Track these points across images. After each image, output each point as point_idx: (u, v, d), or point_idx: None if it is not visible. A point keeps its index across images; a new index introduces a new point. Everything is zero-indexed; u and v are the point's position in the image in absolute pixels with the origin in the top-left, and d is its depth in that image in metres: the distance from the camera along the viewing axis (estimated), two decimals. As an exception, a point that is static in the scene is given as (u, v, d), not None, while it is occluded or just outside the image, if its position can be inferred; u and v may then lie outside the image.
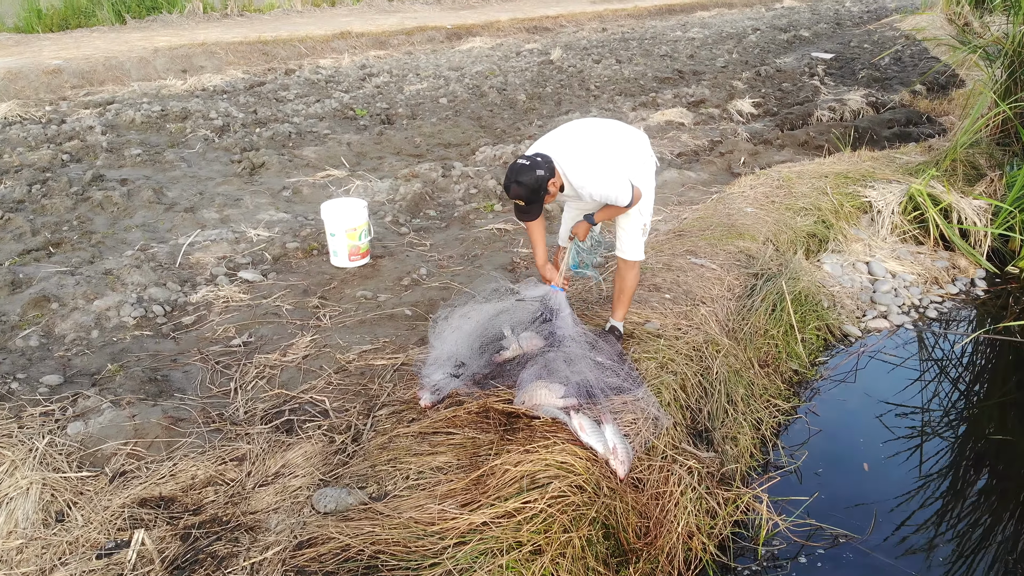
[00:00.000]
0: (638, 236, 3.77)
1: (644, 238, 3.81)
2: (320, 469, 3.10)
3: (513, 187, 3.32)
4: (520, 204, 3.39)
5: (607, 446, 3.09)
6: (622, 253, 3.81)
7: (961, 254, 6.03)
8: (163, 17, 15.08)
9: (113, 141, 7.82)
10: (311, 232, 5.61)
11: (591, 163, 3.44)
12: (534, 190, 3.30)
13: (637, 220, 3.73)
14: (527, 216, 3.48)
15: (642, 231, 3.78)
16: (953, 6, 16.91)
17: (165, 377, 3.81)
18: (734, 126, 9.22)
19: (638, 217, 3.72)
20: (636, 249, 3.78)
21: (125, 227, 5.77)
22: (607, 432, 3.16)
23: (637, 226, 3.74)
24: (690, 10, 22.63)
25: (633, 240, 3.76)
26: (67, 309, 4.40)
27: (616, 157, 3.54)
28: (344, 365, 3.90)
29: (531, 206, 3.39)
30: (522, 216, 3.49)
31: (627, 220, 3.74)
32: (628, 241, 3.77)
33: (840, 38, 17.02)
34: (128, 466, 3.12)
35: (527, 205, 3.38)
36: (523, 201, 3.34)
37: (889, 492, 3.71)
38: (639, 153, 3.68)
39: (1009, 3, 7.16)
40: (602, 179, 3.42)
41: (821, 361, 4.76)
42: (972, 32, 13.27)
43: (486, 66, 12.69)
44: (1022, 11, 6.40)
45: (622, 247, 3.80)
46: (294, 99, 10.17)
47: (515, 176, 3.30)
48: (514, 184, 3.31)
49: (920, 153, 7.75)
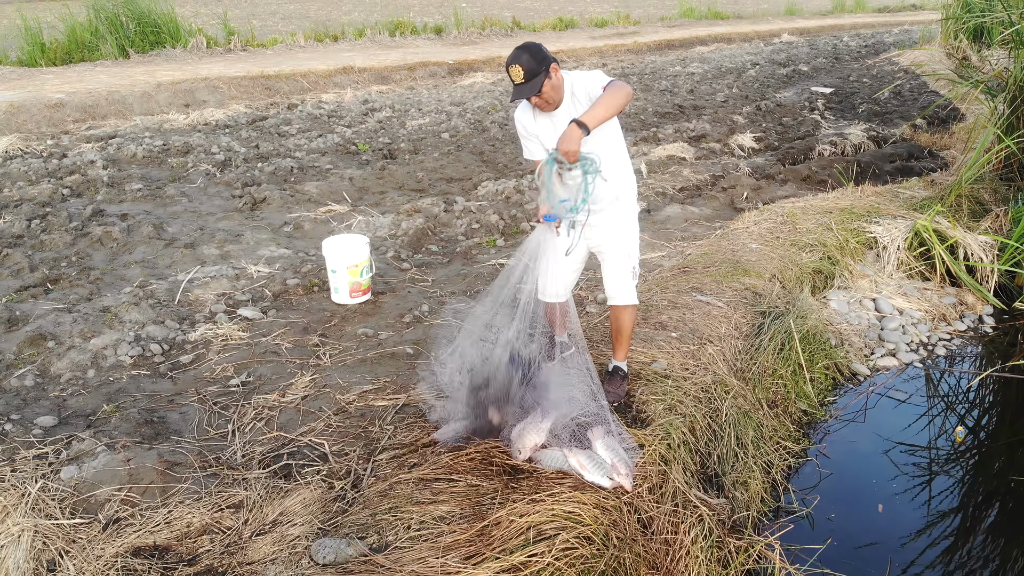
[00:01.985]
0: (628, 279, 3.62)
1: (635, 281, 3.67)
2: (319, 517, 3.01)
3: (516, 52, 3.15)
4: (520, 79, 3.16)
5: (608, 471, 3.04)
6: (614, 300, 3.68)
7: (968, 290, 5.97)
8: (166, 52, 15.17)
9: (114, 176, 7.80)
10: (312, 268, 5.56)
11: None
12: (537, 59, 3.12)
13: (625, 263, 3.60)
14: (526, 92, 3.20)
15: (632, 274, 3.63)
16: (952, 40, 17.08)
17: (161, 419, 3.72)
18: (735, 160, 9.22)
19: (626, 260, 3.59)
20: (628, 293, 3.64)
21: (124, 263, 5.72)
22: (601, 451, 3.13)
23: (626, 269, 3.61)
24: (689, 45, 22.83)
25: (623, 284, 3.62)
26: (63, 348, 4.33)
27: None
28: (344, 406, 3.82)
29: (530, 81, 3.16)
30: (521, 93, 3.21)
31: (615, 263, 3.60)
32: (618, 286, 3.63)
33: (839, 72, 17.14)
34: (122, 513, 3.02)
35: (526, 80, 3.16)
36: (523, 69, 3.12)
37: (902, 535, 3.63)
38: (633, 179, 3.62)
39: (1010, 38, 7.17)
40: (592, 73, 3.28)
41: (830, 401, 4.67)
42: (971, 66, 13.36)
43: (488, 101, 12.74)
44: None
45: (613, 293, 3.66)
46: (296, 133, 10.18)
47: (519, 47, 3.17)
48: (517, 49, 3.15)
49: (923, 187, 7.73)
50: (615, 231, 3.59)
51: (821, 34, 28.75)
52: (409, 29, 20.77)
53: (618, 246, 3.60)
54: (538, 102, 3.27)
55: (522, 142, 3.57)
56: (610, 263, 3.64)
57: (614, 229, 3.58)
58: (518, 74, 3.14)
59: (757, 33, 26.89)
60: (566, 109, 3.32)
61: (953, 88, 11.69)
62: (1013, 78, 6.91)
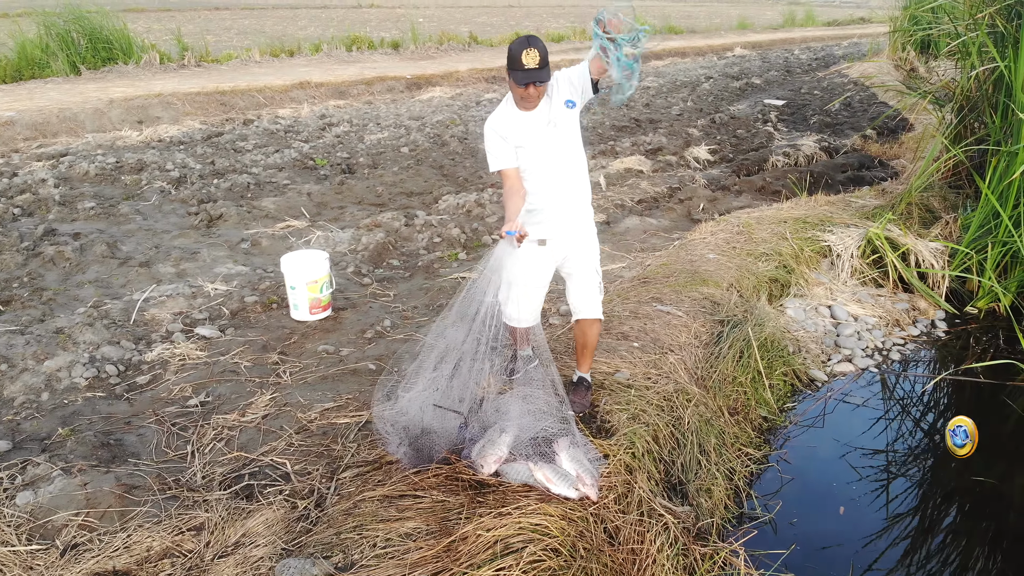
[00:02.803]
0: (596, 294, 3.69)
1: (601, 296, 3.74)
2: (282, 537, 2.96)
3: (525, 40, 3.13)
4: (535, 64, 3.13)
5: (573, 483, 3.06)
6: (583, 314, 3.71)
7: (921, 296, 6.12)
8: (118, 68, 14.91)
9: (66, 194, 7.63)
10: (270, 285, 5.49)
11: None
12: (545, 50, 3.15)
13: (594, 278, 3.66)
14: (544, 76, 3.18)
15: (599, 288, 3.71)
16: (900, 52, 17.56)
17: (118, 441, 3.64)
18: (692, 173, 9.35)
19: (594, 275, 3.66)
20: (597, 308, 3.71)
21: (77, 283, 5.59)
22: (566, 463, 3.15)
23: (595, 284, 3.67)
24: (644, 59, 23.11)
25: (592, 299, 3.68)
26: (16, 370, 4.21)
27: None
28: (306, 424, 3.77)
29: (545, 68, 3.17)
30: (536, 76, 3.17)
31: (585, 278, 3.65)
32: (588, 301, 3.68)
33: (791, 85, 17.51)
34: (80, 538, 2.95)
35: (541, 66, 3.15)
36: (539, 55, 3.11)
37: (863, 537, 3.69)
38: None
39: (956, 49, 7.40)
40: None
41: (790, 407, 4.75)
42: (918, 77, 13.76)
43: (447, 115, 12.75)
44: (970, 58, 6.62)
45: (582, 308, 3.70)
46: (252, 149, 10.07)
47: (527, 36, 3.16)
48: (525, 38, 3.14)
49: (875, 196, 7.92)
50: (584, 247, 3.64)
51: (773, 48, 29.37)
52: (366, 44, 20.71)
53: (587, 262, 3.65)
54: (537, 93, 3.26)
55: (492, 152, 3.46)
56: (579, 279, 3.67)
57: (583, 245, 3.64)
58: (534, 59, 3.11)
59: (710, 47, 27.35)
60: (543, 105, 3.37)
61: (902, 99, 12.02)
62: (960, 88, 7.11)
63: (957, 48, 7.28)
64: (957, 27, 7.36)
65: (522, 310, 3.67)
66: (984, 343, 5.64)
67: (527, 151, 3.42)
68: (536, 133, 3.39)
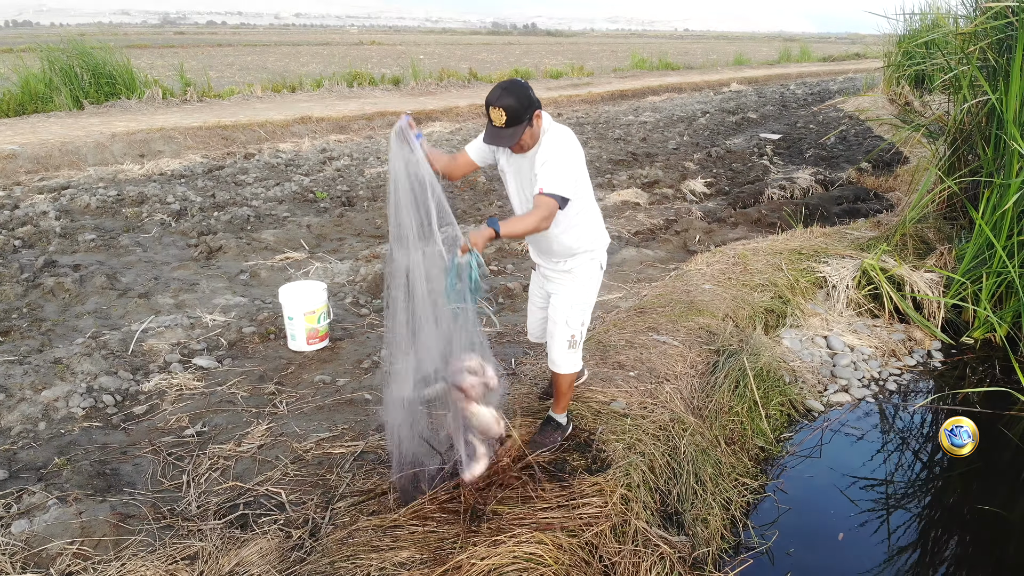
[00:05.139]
0: (564, 348, 3.51)
1: (574, 351, 3.54)
2: (277, 567, 2.95)
3: (500, 92, 2.89)
4: (500, 123, 2.91)
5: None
6: (553, 366, 3.60)
7: (916, 326, 6.14)
8: (121, 103, 15.10)
9: (67, 226, 7.69)
10: (268, 316, 5.52)
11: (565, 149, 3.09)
12: (523, 106, 2.90)
13: (561, 330, 3.50)
14: (504, 140, 2.96)
15: (568, 343, 3.50)
16: (894, 87, 17.79)
17: (114, 471, 3.64)
18: (688, 205, 9.43)
19: (562, 328, 3.49)
20: (564, 362, 3.54)
21: (76, 314, 5.62)
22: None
23: (560, 335, 3.50)
24: (641, 95, 23.41)
25: (559, 352, 3.53)
26: (14, 400, 4.22)
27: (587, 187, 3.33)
28: (301, 454, 3.77)
29: (511, 128, 2.93)
30: (497, 138, 2.97)
31: (553, 327, 3.51)
32: (553, 350, 3.55)
33: (786, 119, 17.70)
34: (74, 567, 2.94)
35: (507, 125, 2.91)
36: (506, 115, 2.87)
37: (860, 566, 3.66)
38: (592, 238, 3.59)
39: (949, 83, 7.49)
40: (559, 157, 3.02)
41: (786, 437, 4.74)
42: (913, 111, 13.92)
43: (446, 150, 12.88)
44: (962, 91, 6.71)
45: (551, 357, 3.59)
46: (253, 183, 10.16)
47: (505, 85, 2.92)
48: (502, 89, 2.90)
49: (870, 228, 7.98)
50: (560, 296, 3.55)
51: (769, 83, 29.74)
52: (367, 80, 20.98)
53: (556, 311, 3.54)
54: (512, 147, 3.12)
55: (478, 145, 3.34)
56: (550, 328, 3.59)
57: (556, 292, 3.58)
58: (500, 118, 2.93)
59: (707, 83, 27.70)
60: (533, 154, 3.14)
61: (896, 132, 12.16)
62: (953, 121, 7.19)
63: (950, 82, 7.37)
64: (949, 61, 7.47)
65: (529, 323, 4.00)
66: (980, 373, 5.65)
67: (507, 181, 3.40)
68: (514, 174, 3.31)
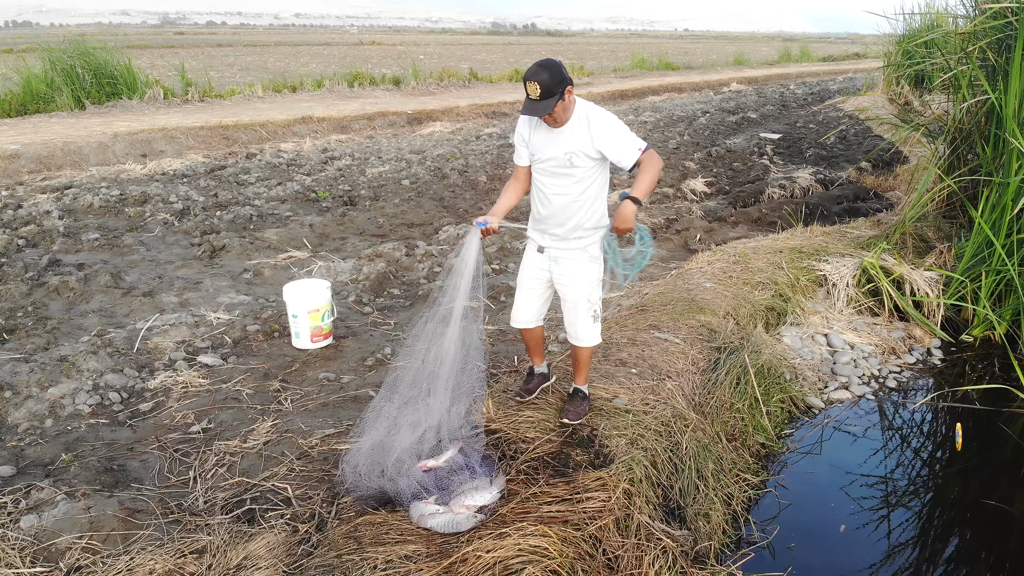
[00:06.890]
0: (589, 322, 3.77)
1: (597, 324, 3.81)
2: (283, 560, 2.99)
3: (536, 68, 3.21)
4: (535, 96, 3.22)
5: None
6: (572, 340, 3.87)
7: (916, 324, 6.18)
8: (123, 103, 15.15)
9: (70, 226, 7.73)
10: (272, 314, 5.55)
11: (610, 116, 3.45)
12: (556, 80, 3.19)
13: (584, 307, 3.72)
14: (539, 110, 3.25)
15: (592, 317, 3.77)
16: (893, 86, 17.82)
17: (121, 467, 3.67)
18: (688, 204, 9.46)
19: (584, 304, 3.71)
20: (588, 335, 3.81)
21: (81, 312, 5.65)
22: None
23: (584, 312, 3.73)
24: (641, 95, 23.45)
25: (584, 326, 3.77)
26: (20, 397, 4.25)
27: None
28: (307, 450, 3.81)
29: (545, 100, 3.24)
30: (533, 109, 3.27)
31: (573, 306, 3.73)
32: (577, 328, 3.79)
33: (786, 119, 17.73)
34: (83, 561, 2.97)
35: (542, 98, 3.22)
36: (540, 88, 3.19)
37: (860, 561, 3.70)
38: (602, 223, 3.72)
39: (948, 83, 7.52)
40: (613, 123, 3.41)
41: (787, 434, 4.77)
42: (913, 110, 13.96)
43: (447, 149, 12.91)
44: (962, 90, 6.74)
45: (572, 334, 3.84)
46: (255, 182, 10.20)
47: (539, 64, 3.23)
48: (538, 66, 3.22)
49: (870, 227, 8.02)
50: (572, 275, 3.69)
51: (769, 83, 29.77)
52: (368, 80, 21.02)
53: (574, 291, 3.71)
54: (547, 119, 3.36)
55: (516, 148, 3.68)
56: (568, 306, 3.76)
57: (571, 272, 3.69)
58: (535, 91, 3.21)
59: (707, 83, 27.74)
60: (571, 130, 3.42)
61: (896, 131, 12.19)
62: (952, 120, 7.22)
63: (949, 81, 7.40)
64: (949, 61, 7.50)
65: (517, 309, 3.91)
66: (980, 371, 5.68)
67: (537, 162, 3.56)
68: (548, 151, 3.49)
